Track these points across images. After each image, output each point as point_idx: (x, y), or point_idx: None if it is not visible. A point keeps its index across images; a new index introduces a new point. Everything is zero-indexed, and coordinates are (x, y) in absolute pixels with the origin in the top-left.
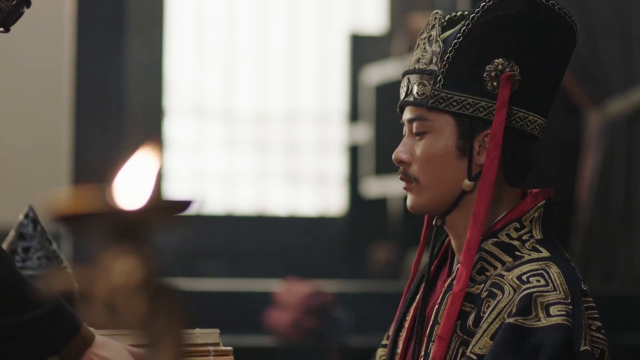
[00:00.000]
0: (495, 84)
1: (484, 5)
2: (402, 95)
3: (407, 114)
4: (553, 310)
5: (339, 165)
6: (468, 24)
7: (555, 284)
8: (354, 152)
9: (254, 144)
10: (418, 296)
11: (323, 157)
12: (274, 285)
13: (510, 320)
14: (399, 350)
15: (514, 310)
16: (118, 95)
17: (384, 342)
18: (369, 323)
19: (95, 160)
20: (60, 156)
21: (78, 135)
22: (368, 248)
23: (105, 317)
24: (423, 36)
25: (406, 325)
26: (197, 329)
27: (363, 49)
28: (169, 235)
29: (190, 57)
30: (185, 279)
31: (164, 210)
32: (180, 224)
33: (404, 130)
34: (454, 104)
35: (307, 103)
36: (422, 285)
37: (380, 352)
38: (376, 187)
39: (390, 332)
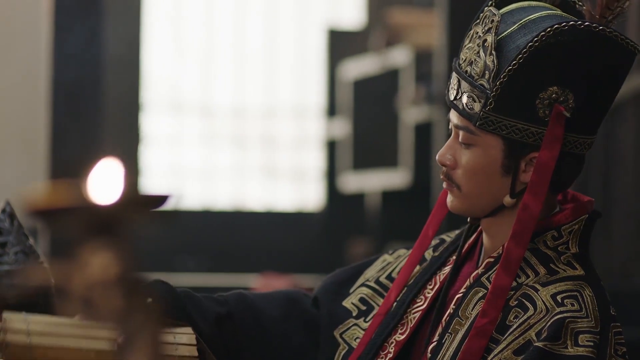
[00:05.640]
0: (547, 112)
1: (542, 35)
2: (451, 96)
3: (454, 118)
4: (582, 339)
5: (316, 160)
6: (525, 52)
7: (588, 310)
8: (332, 147)
9: (231, 139)
10: (448, 269)
11: (301, 152)
12: (251, 280)
13: (540, 344)
14: (411, 317)
15: (544, 334)
16: (95, 90)
17: (371, 284)
18: None
19: (72, 155)
20: (37, 151)
21: (55, 130)
22: (346, 243)
23: (82, 312)
24: (477, 31)
25: (427, 294)
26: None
27: (341, 44)
28: (146, 230)
29: (168, 52)
30: (163, 273)
31: (141, 206)
32: (158, 219)
33: (449, 125)
34: (503, 128)
35: (284, 98)
36: (452, 260)
37: (365, 290)
38: (354, 182)
39: (387, 279)
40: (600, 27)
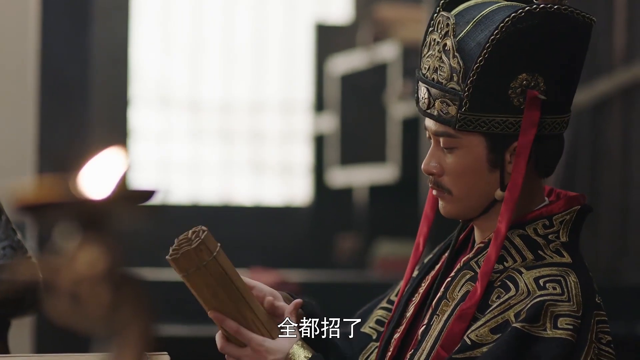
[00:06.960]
0: (521, 99)
1: (502, 27)
2: (424, 106)
3: (431, 126)
4: (561, 322)
5: (304, 155)
6: (488, 47)
7: (570, 294)
8: (319, 141)
9: (219, 134)
10: (438, 265)
11: (288, 147)
12: None
13: (518, 325)
14: (408, 314)
15: (523, 315)
16: (83, 85)
17: (384, 305)
18: (334, 313)
19: (60, 150)
20: (25, 146)
21: (42, 125)
22: (333, 238)
23: (70, 307)
24: (434, 38)
25: (421, 291)
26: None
27: (328, 39)
28: (134, 225)
29: (156, 47)
30: (150, 269)
31: (128, 200)
32: (145, 213)
33: (427, 134)
34: (482, 125)
35: (272, 93)
36: (444, 257)
37: (380, 312)
38: (341, 176)
39: (396, 296)
40: (555, 7)
